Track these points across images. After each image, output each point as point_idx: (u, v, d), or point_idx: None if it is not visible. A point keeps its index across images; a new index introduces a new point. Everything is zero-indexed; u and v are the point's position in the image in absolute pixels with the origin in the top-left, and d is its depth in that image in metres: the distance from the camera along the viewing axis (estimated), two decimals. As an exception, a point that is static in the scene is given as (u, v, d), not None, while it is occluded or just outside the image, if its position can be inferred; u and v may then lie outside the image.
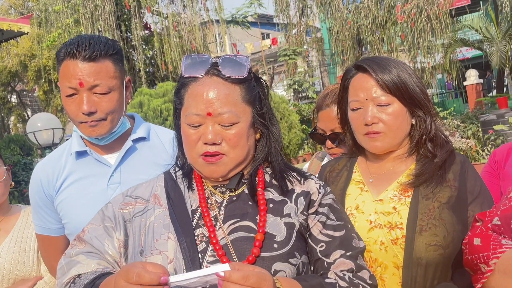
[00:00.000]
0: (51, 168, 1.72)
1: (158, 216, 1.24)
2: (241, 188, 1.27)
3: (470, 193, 1.43)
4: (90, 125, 1.58)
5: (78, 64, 1.53)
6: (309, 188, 1.28)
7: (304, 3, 17.95)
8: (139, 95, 9.35)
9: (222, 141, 1.20)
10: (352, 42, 16.15)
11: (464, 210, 1.41)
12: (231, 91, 1.21)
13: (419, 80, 1.51)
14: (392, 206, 1.45)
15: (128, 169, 1.65)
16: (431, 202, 1.41)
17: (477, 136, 10.53)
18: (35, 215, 1.79)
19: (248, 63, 1.24)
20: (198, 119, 1.20)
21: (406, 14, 14.79)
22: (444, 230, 1.37)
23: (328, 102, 1.95)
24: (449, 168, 1.46)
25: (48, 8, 15.25)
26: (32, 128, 9.10)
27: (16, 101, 29.15)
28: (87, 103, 1.54)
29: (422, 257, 1.35)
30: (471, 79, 16.87)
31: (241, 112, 1.21)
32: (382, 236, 1.42)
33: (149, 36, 15.75)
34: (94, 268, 1.20)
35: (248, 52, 27.54)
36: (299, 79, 19.52)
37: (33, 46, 21.43)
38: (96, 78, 1.54)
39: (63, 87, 1.58)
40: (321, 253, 1.22)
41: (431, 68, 15.55)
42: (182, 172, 1.32)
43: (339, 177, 1.61)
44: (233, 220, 1.21)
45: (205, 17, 16.21)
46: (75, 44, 1.54)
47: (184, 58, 1.26)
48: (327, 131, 1.97)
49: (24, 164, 11.80)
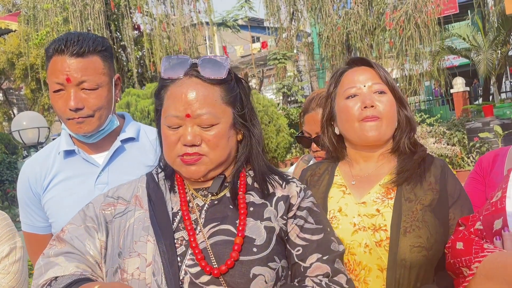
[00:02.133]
0: (39, 166, 1.71)
1: (138, 218, 1.22)
2: (223, 192, 1.26)
3: (450, 196, 1.45)
4: (77, 122, 1.57)
5: (66, 60, 1.52)
6: (289, 192, 1.27)
7: (294, 8, 18.02)
8: (126, 95, 9.29)
9: (202, 143, 1.19)
10: (342, 48, 16.24)
11: (445, 212, 1.43)
12: (210, 92, 1.20)
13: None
14: (376, 208, 1.45)
15: (116, 170, 1.64)
16: (414, 204, 1.42)
17: (463, 143, 10.65)
18: (23, 213, 1.78)
19: (228, 63, 1.23)
20: (177, 120, 1.19)
21: (395, 21, 14.93)
22: (427, 231, 1.38)
23: (314, 106, 1.97)
24: (429, 171, 1.48)
25: (36, 5, 15.11)
26: (17, 126, 8.99)
27: (2, 99, 28.80)
28: (74, 99, 1.53)
29: (406, 258, 1.36)
30: (457, 87, 17.07)
31: (221, 113, 1.20)
32: (366, 238, 1.42)
33: (138, 37, 15.69)
34: (72, 271, 1.18)
35: (238, 55, 27.55)
36: (289, 83, 19.58)
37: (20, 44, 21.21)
38: (84, 74, 1.53)
39: (50, 82, 1.57)
40: (298, 257, 1.21)
41: (419, 75, 15.70)
42: (164, 173, 1.31)
43: (321, 180, 1.60)
44: (213, 223, 1.20)
45: (195, 19, 16.19)
46: (63, 40, 1.54)
47: (163, 59, 1.25)
48: (312, 134, 1.99)
49: (8, 163, 11.65)
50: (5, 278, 2.02)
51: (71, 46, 1.52)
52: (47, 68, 1.60)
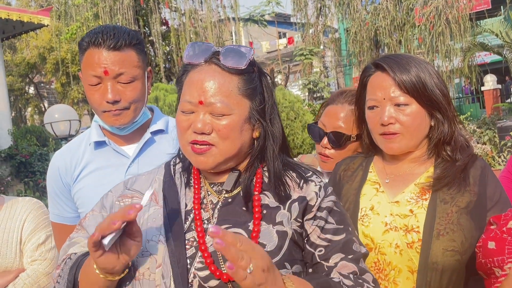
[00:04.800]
0: (70, 157, 1.74)
1: (152, 214, 1.21)
2: (237, 189, 1.22)
3: (489, 199, 1.39)
4: (113, 114, 1.60)
5: (103, 53, 1.54)
6: (306, 193, 1.21)
7: (322, 3, 17.87)
8: (155, 90, 9.41)
9: (212, 131, 1.15)
10: (370, 44, 16.04)
11: (483, 216, 1.37)
12: (227, 81, 1.16)
13: (441, 81, 1.46)
14: (409, 209, 1.42)
15: (145, 161, 1.66)
16: (449, 206, 1.38)
17: (494, 142, 10.39)
18: (52, 203, 1.81)
19: (251, 54, 1.18)
20: (190, 106, 1.16)
21: (424, 17, 14.65)
22: (462, 235, 1.34)
23: (342, 100, 1.82)
24: (469, 173, 1.42)
25: (68, 1, 15.42)
26: (49, 119, 9.23)
27: (33, 93, 29.51)
28: (112, 91, 1.56)
29: (438, 262, 1.32)
30: (488, 84, 16.65)
31: (235, 104, 1.15)
32: (397, 239, 1.39)
33: (166, 32, 15.84)
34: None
35: (264, 50, 27.51)
36: (315, 79, 19.45)
37: (52, 39, 21.66)
38: (121, 67, 1.55)
39: (87, 75, 1.58)
40: (320, 257, 1.18)
41: (449, 72, 15.37)
42: (182, 165, 1.29)
43: (354, 176, 1.56)
44: (225, 225, 1.16)
45: (222, 14, 16.24)
46: (99, 33, 1.55)
47: (188, 45, 1.23)
48: (328, 128, 1.81)
49: (40, 155, 11.97)
50: (42, 264, 2.09)
51: (108, 40, 1.54)
52: (81, 61, 1.62)
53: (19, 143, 12.16)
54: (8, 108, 12.59)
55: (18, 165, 11.46)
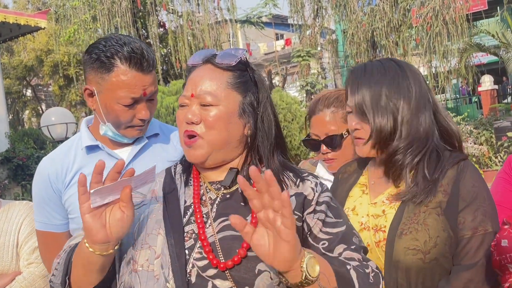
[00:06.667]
0: (60, 163, 1.73)
1: (152, 211, 1.25)
2: (236, 186, 1.26)
3: (462, 199, 1.39)
4: (139, 129, 1.65)
5: (142, 75, 1.56)
6: (303, 189, 1.25)
7: (319, 5, 17.89)
8: (152, 92, 9.43)
9: (201, 122, 1.23)
10: (367, 45, 16.06)
11: (453, 216, 1.38)
12: (218, 75, 1.25)
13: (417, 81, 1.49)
14: (382, 209, 1.46)
15: (140, 165, 1.66)
16: (418, 206, 1.40)
17: (490, 143, 10.42)
18: (39, 211, 1.77)
19: (243, 54, 1.28)
20: (184, 99, 1.26)
21: (421, 18, 14.68)
22: (426, 235, 1.36)
23: (321, 107, 1.93)
24: (444, 175, 1.43)
25: (65, 3, 15.40)
26: (46, 122, 9.22)
27: (31, 95, 29.47)
28: (148, 110, 1.61)
29: (400, 260, 1.36)
30: (485, 85, 16.69)
31: (223, 97, 1.23)
32: (368, 238, 1.44)
33: (163, 34, 15.84)
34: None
35: (261, 52, 27.52)
36: (312, 81, 19.46)
37: (49, 41, 21.65)
38: (154, 87, 1.62)
39: (121, 96, 1.56)
40: (325, 249, 1.21)
41: (447, 73, 15.41)
42: (182, 167, 1.34)
43: (348, 179, 1.63)
44: (223, 218, 1.21)
45: (219, 16, 16.26)
46: (135, 54, 1.54)
47: (194, 54, 1.34)
48: (321, 136, 1.93)
49: (37, 158, 11.94)
50: (38, 267, 2.09)
51: (144, 62, 1.56)
52: (103, 78, 1.56)
53: (16, 146, 12.14)
54: (5, 111, 12.58)
55: (15, 168, 11.44)
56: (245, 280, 1.12)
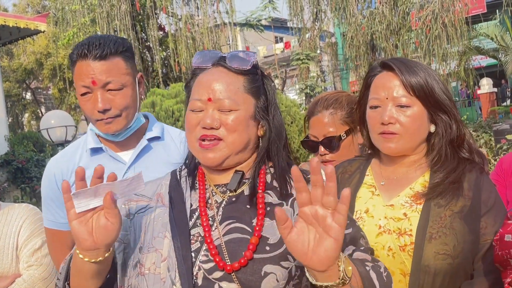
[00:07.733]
0: (66, 163, 1.76)
1: (158, 214, 1.26)
2: (241, 189, 1.27)
3: (484, 204, 1.40)
4: (106, 122, 1.63)
5: (90, 64, 1.58)
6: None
7: (318, 8, 17.91)
8: (151, 95, 9.40)
9: (221, 126, 1.22)
10: (366, 48, 16.07)
11: (476, 221, 1.38)
12: (234, 80, 1.24)
13: (446, 87, 1.49)
14: (403, 212, 1.43)
15: (142, 167, 1.68)
16: (443, 210, 1.39)
17: (490, 145, 10.43)
18: (46, 209, 1.82)
19: (254, 57, 1.28)
20: (199, 104, 1.23)
21: (421, 21, 14.71)
22: (454, 239, 1.35)
23: (320, 108, 1.94)
24: (465, 177, 1.43)
25: (64, 7, 15.41)
26: (45, 125, 9.22)
27: (30, 99, 29.47)
28: (102, 100, 1.59)
29: (430, 265, 1.34)
30: (484, 88, 16.71)
31: (241, 101, 1.23)
32: (390, 242, 1.41)
33: (163, 37, 15.85)
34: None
35: (261, 55, 27.55)
36: (312, 84, 19.48)
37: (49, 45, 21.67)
38: (108, 75, 1.59)
39: (77, 86, 1.63)
40: None
41: (446, 76, 15.43)
42: (187, 170, 1.34)
43: (351, 179, 1.59)
44: (229, 221, 1.21)
45: (218, 19, 16.27)
46: (85, 45, 1.60)
47: (196, 54, 1.32)
48: (319, 137, 1.93)
49: (36, 161, 11.94)
50: (38, 269, 2.09)
51: (93, 50, 1.57)
52: (73, 73, 1.65)
53: (16, 149, 12.15)
54: (5, 114, 12.58)
55: (15, 171, 11.44)
56: (251, 282, 1.12)
